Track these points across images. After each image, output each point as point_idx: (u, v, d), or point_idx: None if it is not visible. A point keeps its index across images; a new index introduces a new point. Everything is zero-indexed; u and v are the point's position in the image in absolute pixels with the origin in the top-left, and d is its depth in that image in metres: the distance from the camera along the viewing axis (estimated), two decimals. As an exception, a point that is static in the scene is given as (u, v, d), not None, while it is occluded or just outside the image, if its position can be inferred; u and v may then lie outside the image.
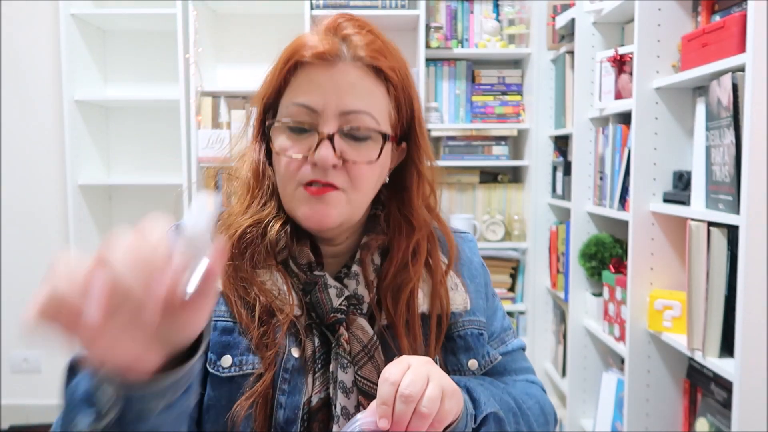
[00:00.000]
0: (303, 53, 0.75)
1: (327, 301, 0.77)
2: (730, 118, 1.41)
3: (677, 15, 1.77)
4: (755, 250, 1.33)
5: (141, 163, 2.92)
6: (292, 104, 0.75)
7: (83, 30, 2.71)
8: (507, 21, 2.81)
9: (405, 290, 0.80)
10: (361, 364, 0.76)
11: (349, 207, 0.77)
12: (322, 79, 0.74)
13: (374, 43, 0.76)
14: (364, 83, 0.75)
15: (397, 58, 0.79)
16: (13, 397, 2.89)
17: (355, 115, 0.74)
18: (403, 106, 0.80)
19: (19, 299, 2.89)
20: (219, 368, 0.74)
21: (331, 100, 0.74)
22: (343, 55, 0.75)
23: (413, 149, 0.83)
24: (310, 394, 0.75)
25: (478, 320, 0.85)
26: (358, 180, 0.76)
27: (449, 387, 0.68)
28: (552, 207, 2.76)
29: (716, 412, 1.62)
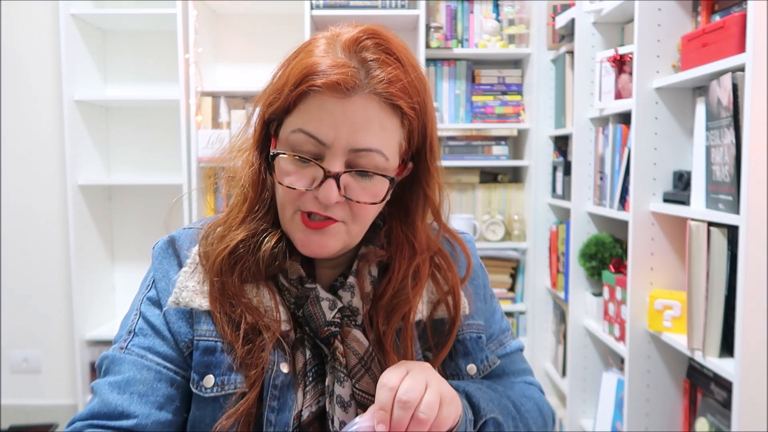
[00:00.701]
0: (316, 80, 0.69)
1: (320, 315, 0.75)
2: (730, 118, 1.41)
3: (677, 15, 1.77)
4: (755, 250, 1.33)
5: (141, 163, 2.92)
6: (300, 131, 0.71)
7: (83, 30, 2.71)
8: (507, 21, 2.81)
9: (399, 312, 0.78)
10: (359, 377, 0.75)
11: (347, 237, 0.75)
12: (335, 111, 0.69)
13: (398, 81, 0.70)
14: (378, 118, 0.70)
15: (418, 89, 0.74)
16: (13, 397, 2.89)
17: (366, 153, 0.71)
18: (416, 135, 0.76)
19: (19, 299, 2.89)
20: (202, 388, 0.73)
21: (342, 135, 0.69)
22: (361, 86, 0.69)
23: (422, 171, 0.79)
24: (300, 409, 0.73)
25: (477, 323, 0.85)
26: (359, 215, 0.74)
27: (448, 393, 0.68)
28: (552, 207, 2.76)
29: (716, 412, 1.62)
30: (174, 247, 0.81)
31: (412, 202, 0.80)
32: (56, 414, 2.87)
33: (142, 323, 0.77)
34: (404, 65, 0.72)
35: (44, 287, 2.89)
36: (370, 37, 0.72)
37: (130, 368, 0.74)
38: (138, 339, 0.76)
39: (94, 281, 2.82)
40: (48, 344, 2.91)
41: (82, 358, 2.70)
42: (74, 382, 2.80)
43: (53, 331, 2.90)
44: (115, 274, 2.98)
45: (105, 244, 2.91)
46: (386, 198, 0.74)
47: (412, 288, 0.79)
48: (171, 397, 0.75)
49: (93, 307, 2.80)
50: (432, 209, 0.81)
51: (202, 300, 0.76)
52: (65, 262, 2.82)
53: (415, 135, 0.76)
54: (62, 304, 2.86)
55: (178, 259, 0.80)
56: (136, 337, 0.77)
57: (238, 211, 0.78)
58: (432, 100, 0.78)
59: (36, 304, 2.89)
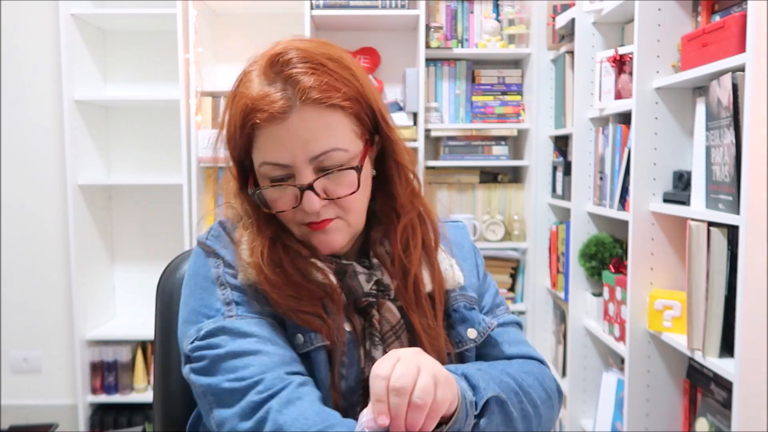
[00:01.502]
0: (256, 118, 0.77)
1: (358, 287, 0.84)
2: (730, 118, 1.41)
3: (677, 15, 1.77)
4: (755, 250, 1.33)
5: (141, 163, 2.92)
6: (264, 163, 0.80)
7: (83, 30, 2.71)
8: (507, 21, 2.81)
9: (411, 272, 0.85)
10: (389, 342, 0.83)
11: (350, 228, 0.84)
12: (281, 135, 0.77)
13: (322, 83, 0.77)
14: (320, 122, 0.77)
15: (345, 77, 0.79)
16: (13, 397, 2.89)
17: (324, 155, 0.78)
18: (364, 114, 0.82)
19: (19, 299, 2.89)
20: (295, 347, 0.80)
21: (297, 151, 0.77)
22: (293, 103, 0.76)
23: (386, 143, 0.86)
24: (364, 366, 0.81)
25: (470, 295, 0.90)
26: (348, 207, 0.82)
27: (441, 374, 0.70)
28: (552, 207, 2.76)
29: (716, 412, 1.62)
30: (226, 233, 0.87)
31: (387, 173, 0.88)
32: (56, 414, 2.86)
33: (238, 294, 0.81)
34: (324, 64, 0.78)
35: (44, 287, 2.89)
36: (285, 51, 0.79)
37: (260, 328, 0.79)
38: (243, 307, 0.80)
39: (94, 281, 2.82)
40: (48, 344, 2.91)
41: (82, 358, 2.70)
42: (74, 382, 2.80)
43: (53, 331, 2.89)
44: (115, 274, 2.98)
45: (105, 244, 2.91)
46: (361, 183, 0.81)
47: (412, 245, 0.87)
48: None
49: (93, 307, 2.80)
50: (405, 172, 0.88)
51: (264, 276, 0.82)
52: (65, 262, 2.82)
53: (364, 116, 0.82)
54: (62, 304, 2.86)
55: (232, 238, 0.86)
56: (240, 306, 0.80)
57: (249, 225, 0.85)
58: (366, 79, 0.83)
59: (36, 304, 2.89)
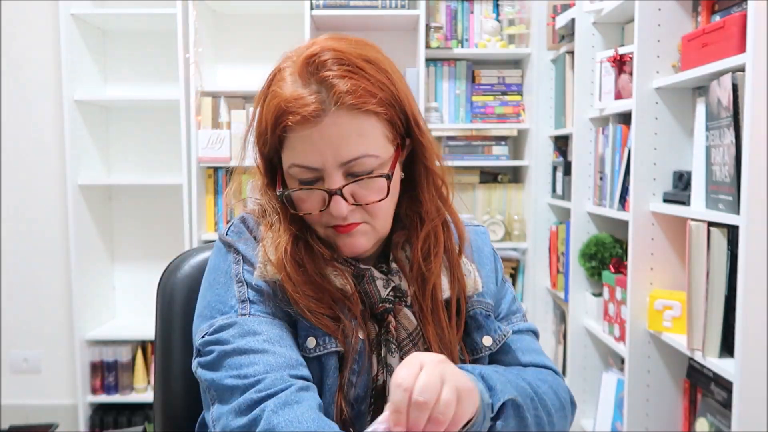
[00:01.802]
0: (288, 121, 0.76)
1: (375, 292, 0.83)
2: (730, 118, 1.41)
3: (677, 15, 1.77)
4: (755, 250, 1.33)
5: (141, 163, 2.92)
6: (294, 165, 0.79)
7: (83, 30, 2.71)
8: (507, 21, 2.81)
9: (429, 281, 0.84)
10: (406, 350, 0.82)
11: (376, 232, 0.83)
12: (313, 138, 0.76)
13: (358, 87, 0.76)
14: (353, 127, 0.76)
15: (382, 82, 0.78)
16: (13, 397, 2.89)
17: (355, 161, 0.77)
18: (397, 119, 0.81)
19: (19, 299, 2.89)
20: (306, 349, 0.79)
21: (328, 156, 0.76)
22: (327, 107, 0.75)
23: (417, 147, 0.85)
24: (376, 373, 0.81)
25: (486, 302, 0.89)
26: (376, 213, 0.81)
27: (465, 387, 0.67)
28: (552, 207, 2.76)
29: (716, 412, 1.62)
30: (247, 229, 0.86)
31: (415, 177, 0.86)
32: (56, 414, 2.86)
33: (253, 292, 0.81)
34: (361, 68, 0.77)
35: (44, 287, 2.89)
36: (322, 52, 0.77)
37: (270, 328, 0.78)
38: (257, 306, 0.80)
39: (94, 281, 2.82)
40: (48, 344, 2.90)
41: (82, 358, 2.70)
42: (74, 382, 2.79)
43: (53, 331, 2.89)
44: (115, 274, 2.98)
45: (105, 244, 2.91)
46: (390, 190, 0.80)
47: (433, 254, 0.85)
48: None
49: (93, 307, 2.80)
50: (434, 180, 0.86)
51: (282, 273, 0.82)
52: (65, 262, 2.82)
53: (397, 120, 0.81)
54: (62, 304, 2.86)
55: (255, 239, 0.85)
56: (254, 305, 0.80)
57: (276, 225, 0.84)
58: (403, 82, 0.82)
59: (36, 304, 2.89)
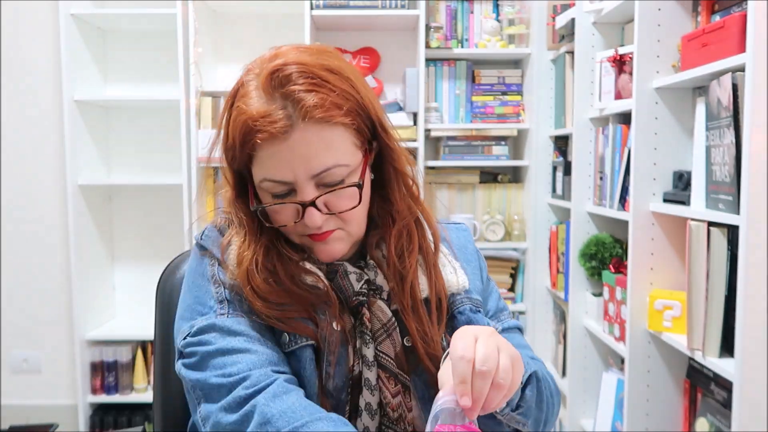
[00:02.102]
0: (256, 138, 0.76)
1: (348, 286, 0.85)
2: (730, 118, 1.41)
3: (677, 15, 1.77)
4: (755, 250, 1.33)
5: (141, 163, 2.92)
6: (265, 180, 0.79)
7: (83, 30, 2.71)
8: (507, 21, 2.81)
9: (407, 278, 0.86)
10: (381, 340, 0.84)
11: (350, 237, 0.85)
12: (282, 153, 0.77)
13: (324, 101, 0.76)
14: (322, 140, 0.77)
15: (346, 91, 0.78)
16: (13, 397, 2.89)
17: (326, 172, 0.78)
18: (364, 125, 0.82)
19: (19, 299, 2.89)
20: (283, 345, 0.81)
21: (299, 169, 0.77)
22: (294, 122, 0.76)
23: (384, 149, 0.86)
24: (352, 364, 0.83)
25: (475, 298, 0.91)
26: (349, 219, 0.83)
27: (515, 354, 0.71)
28: (552, 207, 2.76)
29: (716, 412, 1.62)
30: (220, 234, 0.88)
31: (384, 178, 0.88)
32: (56, 414, 2.86)
33: (230, 292, 0.82)
34: (326, 80, 0.77)
35: (44, 287, 2.89)
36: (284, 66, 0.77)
37: (249, 327, 0.80)
38: (235, 305, 0.82)
39: (94, 281, 2.82)
40: (48, 344, 2.90)
41: (82, 358, 2.70)
42: (74, 382, 2.79)
43: (53, 331, 2.89)
44: (115, 274, 2.98)
45: (105, 244, 2.91)
46: (362, 198, 0.82)
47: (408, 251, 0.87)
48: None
49: (93, 307, 2.80)
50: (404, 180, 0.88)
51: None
52: (65, 262, 2.82)
53: (363, 127, 0.82)
54: (62, 304, 2.86)
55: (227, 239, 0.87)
56: (232, 304, 0.82)
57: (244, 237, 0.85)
58: (365, 86, 0.82)
59: (36, 304, 2.89)
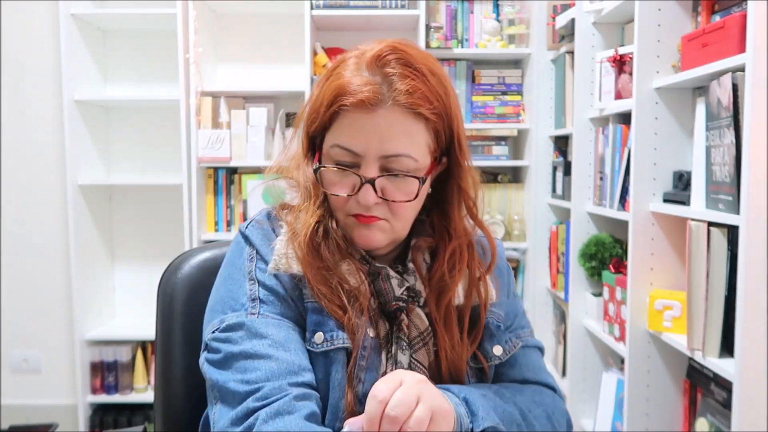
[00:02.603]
0: (345, 101, 0.79)
1: (389, 290, 0.84)
2: (730, 118, 1.41)
3: (677, 15, 1.77)
4: (755, 250, 1.33)
5: (141, 163, 2.92)
6: (336, 146, 0.81)
7: (83, 30, 2.71)
8: (507, 21, 2.81)
9: (447, 293, 0.86)
10: (416, 348, 0.84)
11: (392, 232, 0.85)
12: (363, 124, 0.79)
13: (417, 90, 0.79)
14: (403, 126, 0.79)
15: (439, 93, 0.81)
16: (13, 397, 2.89)
17: (395, 158, 0.80)
18: (443, 133, 0.84)
19: (19, 299, 2.89)
20: (314, 344, 0.80)
21: (372, 145, 0.79)
22: (384, 99, 0.78)
23: (454, 166, 0.87)
24: (385, 370, 0.82)
25: (498, 313, 0.91)
26: (398, 213, 0.83)
27: (440, 408, 0.71)
28: (552, 207, 2.76)
29: (716, 412, 1.62)
30: (269, 222, 0.89)
31: (447, 195, 0.89)
32: (56, 414, 2.86)
33: (264, 291, 0.82)
34: (424, 74, 0.80)
35: (44, 287, 2.89)
36: (391, 52, 0.80)
37: (278, 330, 0.80)
38: (267, 306, 0.81)
39: (94, 281, 2.82)
40: (48, 344, 2.90)
41: (82, 358, 2.70)
42: (74, 382, 2.79)
43: (53, 331, 2.89)
44: (115, 274, 2.98)
45: (105, 244, 2.91)
46: (419, 195, 0.82)
47: (457, 269, 0.87)
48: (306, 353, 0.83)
49: (93, 307, 2.80)
50: (465, 201, 0.90)
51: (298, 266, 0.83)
52: (65, 262, 2.82)
53: (442, 134, 0.84)
54: (62, 304, 2.86)
55: (275, 232, 0.87)
56: (264, 305, 0.81)
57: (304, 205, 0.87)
58: (456, 102, 0.86)
59: (36, 304, 2.89)
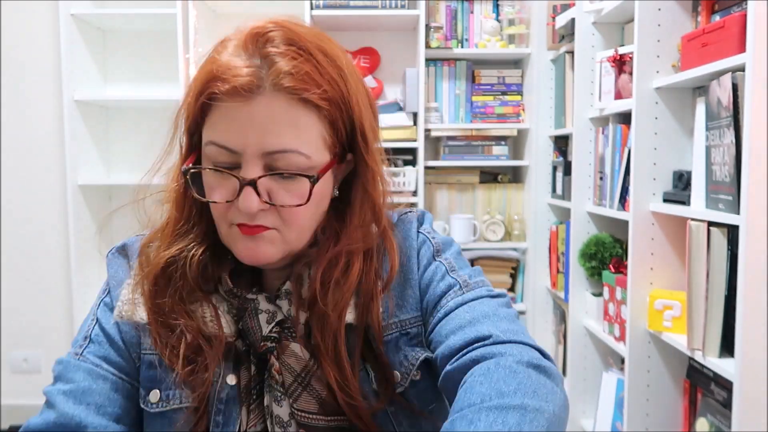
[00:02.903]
0: (214, 89, 0.65)
1: (257, 329, 0.72)
2: (730, 118, 1.41)
3: (677, 15, 1.77)
4: (755, 250, 1.33)
5: (141, 163, 2.90)
6: (211, 143, 0.68)
7: (83, 30, 2.71)
8: (507, 21, 2.81)
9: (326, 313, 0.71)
10: (296, 396, 0.71)
11: (285, 244, 0.71)
12: (240, 116, 0.65)
13: (301, 69, 0.66)
14: (288, 116, 0.66)
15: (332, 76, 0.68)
16: (13, 397, 2.89)
17: (281, 155, 0.66)
18: (341, 123, 0.70)
19: (19, 299, 2.89)
20: (148, 403, 0.72)
21: (251, 140, 0.65)
22: (263, 85, 0.65)
23: (359, 164, 0.74)
24: (245, 428, 0.71)
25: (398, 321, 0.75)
26: (290, 220, 0.69)
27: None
28: (552, 207, 2.76)
29: (716, 412, 1.62)
30: (126, 255, 0.79)
31: (351, 194, 0.75)
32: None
33: (98, 330, 0.75)
34: (312, 54, 0.67)
35: (44, 287, 2.89)
36: (275, 29, 0.68)
37: (86, 377, 0.71)
38: (94, 347, 0.74)
39: (94, 281, 2.81)
40: (48, 344, 2.90)
41: (82, 358, 2.70)
42: (74, 382, 2.80)
43: (53, 331, 2.90)
44: (115, 274, 2.98)
45: (105, 244, 2.91)
46: (311, 197, 0.68)
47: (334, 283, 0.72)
48: (127, 409, 0.73)
49: (93, 307, 2.80)
50: (369, 206, 0.75)
51: (144, 314, 0.74)
52: (65, 262, 2.82)
53: (341, 125, 0.70)
54: (62, 304, 2.86)
55: (130, 267, 0.78)
56: (92, 344, 0.74)
57: (165, 229, 0.76)
58: (359, 88, 0.72)
59: (36, 304, 2.89)
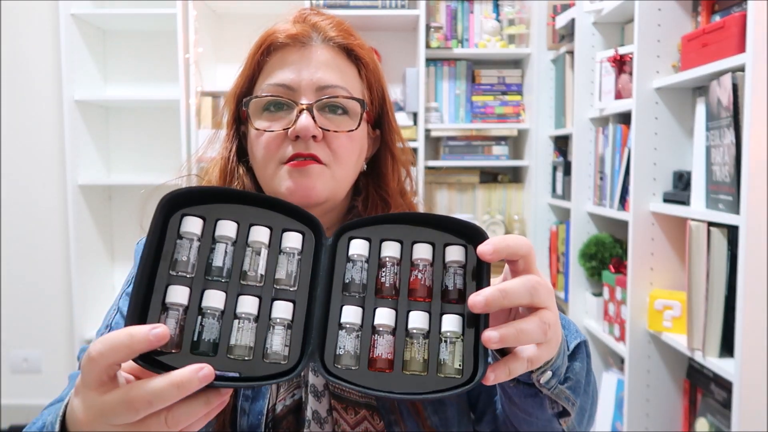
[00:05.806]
0: (276, 36, 0.76)
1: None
2: (730, 118, 1.41)
3: (677, 15, 1.77)
4: (755, 250, 1.33)
5: (141, 163, 2.92)
6: (267, 85, 0.75)
7: (83, 30, 2.71)
8: (507, 21, 2.81)
9: None
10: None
11: (332, 182, 0.75)
12: (296, 58, 0.75)
13: (342, 25, 0.78)
14: (336, 62, 0.76)
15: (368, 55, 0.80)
16: (13, 397, 2.89)
17: (331, 89, 0.74)
18: (375, 89, 0.80)
19: (19, 299, 2.89)
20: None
21: (306, 76, 0.74)
22: (315, 38, 0.76)
23: (386, 133, 0.83)
24: (275, 401, 0.72)
25: None
26: (339, 153, 0.74)
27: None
28: (552, 207, 2.76)
29: (716, 412, 1.62)
30: None
31: (381, 165, 0.84)
32: (56, 414, 2.86)
33: (119, 319, 0.77)
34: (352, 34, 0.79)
35: (44, 287, 2.89)
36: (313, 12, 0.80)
37: None
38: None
39: (94, 281, 2.82)
40: (48, 344, 2.91)
41: (82, 358, 2.70)
42: (74, 382, 2.80)
43: (53, 331, 2.90)
44: (115, 274, 2.98)
45: (105, 244, 2.91)
46: (360, 124, 0.76)
47: None
48: None
49: (93, 307, 2.80)
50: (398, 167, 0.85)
51: None
52: (65, 262, 2.82)
53: (374, 89, 0.80)
54: (62, 304, 2.86)
55: None
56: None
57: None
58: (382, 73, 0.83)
59: (36, 304, 2.89)
